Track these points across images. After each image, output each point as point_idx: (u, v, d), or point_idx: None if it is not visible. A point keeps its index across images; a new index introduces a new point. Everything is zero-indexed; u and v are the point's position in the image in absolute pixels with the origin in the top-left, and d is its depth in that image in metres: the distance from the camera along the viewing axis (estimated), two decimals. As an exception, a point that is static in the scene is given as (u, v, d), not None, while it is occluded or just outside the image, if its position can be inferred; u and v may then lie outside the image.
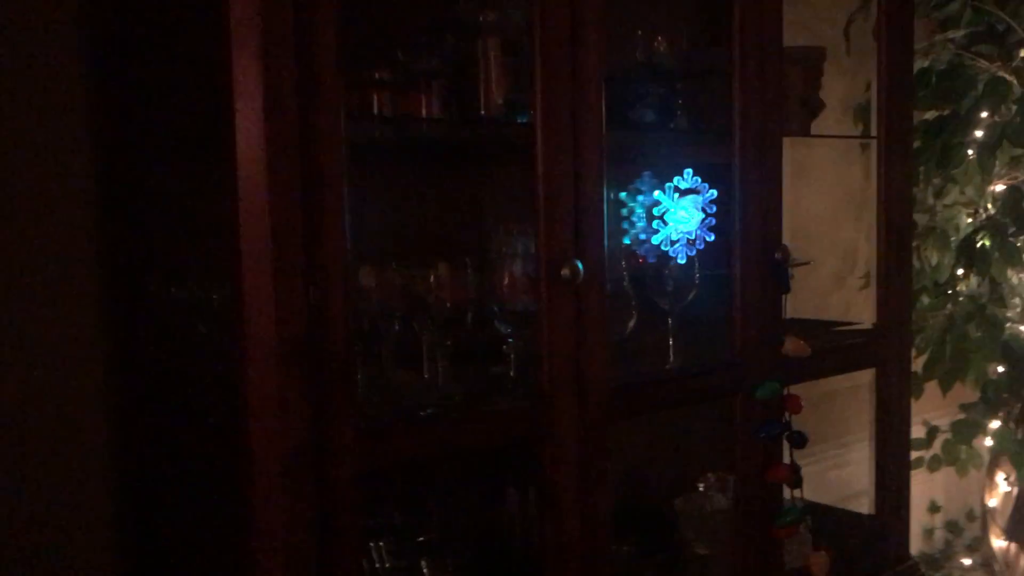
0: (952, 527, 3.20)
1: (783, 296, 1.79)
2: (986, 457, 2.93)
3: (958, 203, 2.73)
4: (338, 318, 1.22)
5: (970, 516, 3.21)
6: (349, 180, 1.22)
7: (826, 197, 2.70)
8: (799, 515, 1.77)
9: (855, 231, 2.82)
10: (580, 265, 1.44)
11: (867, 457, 2.82)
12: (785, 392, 1.77)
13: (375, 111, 1.47)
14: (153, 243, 1.52)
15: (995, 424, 2.82)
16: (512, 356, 1.54)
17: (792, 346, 1.77)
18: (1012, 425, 2.77)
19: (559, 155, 1.44)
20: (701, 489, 2.09)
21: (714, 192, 1.64)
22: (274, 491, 1.20)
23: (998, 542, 2.96)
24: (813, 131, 2.08)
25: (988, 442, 2.87)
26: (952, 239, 2.69)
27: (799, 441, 1.79)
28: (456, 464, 1.73)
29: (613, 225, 1.63)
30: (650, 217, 1.60)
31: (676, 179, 1.60)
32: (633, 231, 1.78)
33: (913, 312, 2.34)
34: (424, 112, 1.52)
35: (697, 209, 1.62)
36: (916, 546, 2.90)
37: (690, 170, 1.62)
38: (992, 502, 2.98)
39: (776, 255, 1.76)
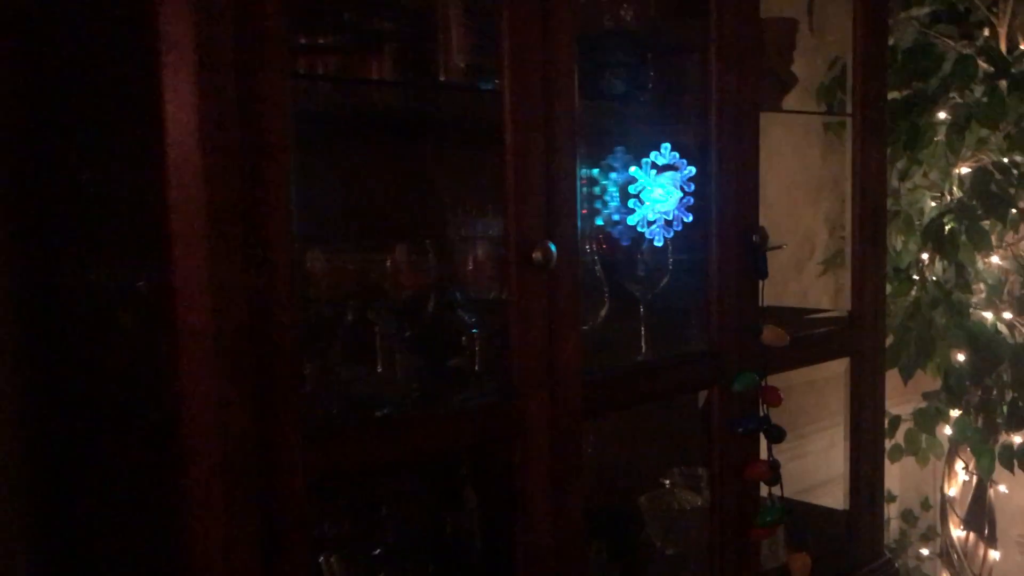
0: (907, 516, 3.16)
1: (760, 282, 1.68)
2: (946, 446, 2.88)
3: (920, 187, 2.67)
4: (284, 306, 1.08)
5: (924, 505, 3.17)
6: (295, 152, 1.08)
7: (784, 179, 2.62)
8: (780, 514, 1.66)
9: (813, 215, 2.75)
10: (553, 248, 1.31)
11: (823, 448, 2.78)
12: (763, 384, 1.67)
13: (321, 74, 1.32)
14: (68, 221, 1.35)
15: (956, 413, 2.77)
16: (477, 348, 1.41)
17: (771, 335, 1.66)
18: (972, 413, 2.73)
19: (530, 124, 1.31)
20: (667, 485, 1.99)
21: (692, 169, 1.52)
22: (212, 502, 1.06)
23: (956, 531, 2.93)
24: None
25: (947, 431, 2.83)
26: (917, 223, 2.62)
27: (777, 435, 1.70)
28: (410, 466, 1.60)
29: (585, 205, 1.51)
30: (624, 196, 1.46)
31: (653, 154, 1.47)
32: (606, 211, 1.65)
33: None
34: (376, 77, 1.37)
35: (675, 187, 1.49)
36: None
37: (668, 145, 1.49)
38: (951, 491, 2.94)
39: (753, 238, 1.65)
